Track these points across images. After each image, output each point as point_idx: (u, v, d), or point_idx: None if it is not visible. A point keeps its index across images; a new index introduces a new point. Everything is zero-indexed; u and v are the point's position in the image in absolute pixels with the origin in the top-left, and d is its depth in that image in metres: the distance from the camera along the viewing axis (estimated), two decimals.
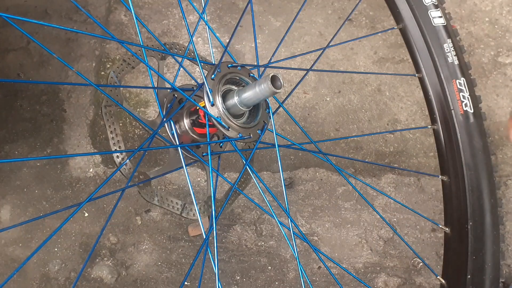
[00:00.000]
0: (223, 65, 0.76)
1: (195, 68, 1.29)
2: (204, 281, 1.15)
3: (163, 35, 1.37)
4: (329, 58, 1.36)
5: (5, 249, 1.17)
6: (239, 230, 1.20)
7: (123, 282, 1.16)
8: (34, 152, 1.26)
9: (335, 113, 1.31)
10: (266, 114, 0.81)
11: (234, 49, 1.36)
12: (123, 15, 1.39)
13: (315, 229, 1.21)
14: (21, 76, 1.32)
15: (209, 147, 0.81)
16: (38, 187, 1.23)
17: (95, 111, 1.29)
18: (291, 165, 1.26)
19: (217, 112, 0.74)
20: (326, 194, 1.24)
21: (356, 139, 1.29)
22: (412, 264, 1.18)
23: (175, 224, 1.21)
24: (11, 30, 1.36)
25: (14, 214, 1.20)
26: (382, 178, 1.25)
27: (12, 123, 1.28)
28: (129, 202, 1.22)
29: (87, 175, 1.24)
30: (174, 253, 1.18)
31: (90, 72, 1.32)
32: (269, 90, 0.70)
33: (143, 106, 1.30)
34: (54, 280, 1.15)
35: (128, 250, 1.18)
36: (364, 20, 1.40)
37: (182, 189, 1.23)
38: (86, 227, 1.20)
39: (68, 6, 1.38)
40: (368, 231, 1.21)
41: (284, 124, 1.30)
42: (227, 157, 1.26)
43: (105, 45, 1.35)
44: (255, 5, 1.41)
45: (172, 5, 1.41)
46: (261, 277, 1.17)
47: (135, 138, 1.28)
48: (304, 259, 1.18)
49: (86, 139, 1.27)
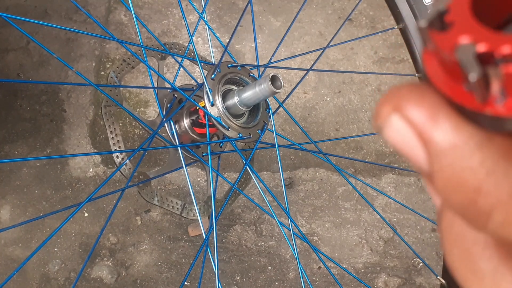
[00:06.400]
0: (223, 65, 0.76)
1: (195, 68, 1.29)
2: (204, 281, 1.15)
3: (163, 35, 1.37)
4: (329, 58, 1.36)
5: (5, 249, 1.17)
6: (239, 230, 1.20)
7: (123, 282, 1.16)
8: (34, 152, 1.26)
9: (335, 113, 1.31)
10: (266, 114, 0.81)
11: (234, 49, 1.36)
12: (123, 15, 1.39)
13: (315, 229, 1.21)
14: (21, 76, 1.32)
15: (209, 147, 0.81)
16: (38, 187, 1.23)
17: (95, 111, 1.29)
18: (291, 165, 1.26)
19: (217, 112, 0.74)
20: (326, 194, 1.23)
21: (356, 139, 1.29)
22: (412, 264, 1.18)
23: (175, 224, 1.21)
24: (11, 30, 1.36)
25: (14, 214, 1.20)
26: (382, 178, 1.25)
27: (12, 123, 1.28)
28: (129, 202, 1.22)
29: (87, 175, 1.24)
30: (174, 253, 1.18)
31: (90, 72, 1.32)
32: (269, 90, 0.70)
33: (143, 106, 1.30)
34: (54, 280, 1.15)
35: (128, 250, 1.18)
36: (364, 20, 1.40)
37: (182, 189, 1.23)
38: (86, 227, 1.20)
39: (68, 6, 1.38)
40: (368, 231, 1.20)
41: (284, 124, 1.30)
42: (227, 157, 1.26)
43: (105, 45, 1.35)
44: (255, 5, 1.41)
45: (172, 5, 1.41)
46: (261, 277, 1.17)
47: (135, 138, 1.28)
48: (304, 259, 1.18)
49: (86, 139, 1.27)
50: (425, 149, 0.15)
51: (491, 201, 0.14)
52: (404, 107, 0.15)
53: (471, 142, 0.14)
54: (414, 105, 0.15)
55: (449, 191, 0.14)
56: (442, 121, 0.14)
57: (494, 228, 0.14)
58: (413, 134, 0.15)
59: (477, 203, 0.14)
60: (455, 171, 0.14)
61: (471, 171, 0.14)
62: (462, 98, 0.14)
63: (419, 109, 0.15)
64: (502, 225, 0.14)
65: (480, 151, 0.14)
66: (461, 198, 0.14)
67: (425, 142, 0.15)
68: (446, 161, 0.14)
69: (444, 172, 0.14)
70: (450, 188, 0.14)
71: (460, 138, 0.14)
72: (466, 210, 0.14)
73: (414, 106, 0.15)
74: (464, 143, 0.14)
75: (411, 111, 0.15)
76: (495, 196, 0.14)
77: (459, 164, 0.14)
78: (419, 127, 0.15)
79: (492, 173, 0.14)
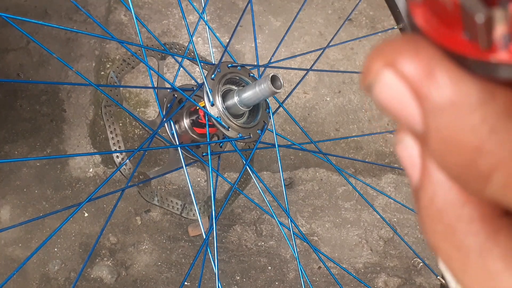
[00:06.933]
0: (223, 65, 0.76)
1: (195, 68, 1.29)
2: (204, 281, 1.15)
3: (163, 35, 1.37)
4: (329, 58, 1.36)
5: (5, 249, 1.17)
6: (239, 230, 1.20)
7: (123, 282, 1.16)
8: (34, 152, 1.26)
9: (335, 113, 1.31)
10: (266, 114, 0.81)
11: (234, 49, 1.36)
12: (123, 15, 1.39)
13: (315, 229, 1.21)
14: (21, 76, 1.32)
15: (209, 147, 0.81)
16: (38, 187, 1.23)
17: (95, 111, 1.29)
18: (291, 165, 1.26)
19: (217, 112, 0.74)
20: (326, 194, 1.24)
21: (356, 139, 1.29)
22: (412, 264, 1.18)
23: (175, 224, 1.21)
24: (11, 30, 1.36)
25: (14, 214, 1.20)
26: (382, 178, 1.25)
27: (12, 123, 1.28)
28: (129, 202, 1.22)
29: (87, 175, 1.24)
30: (174, 253, 1.18)
31: (90, 72, 1.32)
32: (269, 90, 0.70)
33: (143, 106, 1.30)
34: (54, 280, 1.15)
35: (128, 250, 1.18)
36: (364, 20, 1.40)
37: (182, 189, 1.23)
38: (86, 227, 1.20)
39: (68, 6, 1.38)
40: (368, 231, 1.21)
41: (284, 124, 1.30)
42: (227, 157, 1.26)
43: (105, 45, 1.35)
44: (255, 5, 1.41)
45: (172, 5, 1.41)
46: (261, 277, 1.17)
47: (135, 138, 1.28)
48: (304, 259, 1.18)
49: (86, 139, 1.27)
50: (420, 107, 0.14)
51: (493, 161, 0.13)
52: (398, 61, 0.14)
53: (471, 98, 0.13)
54: (408, 59, 0.13)
55: (446, 152, 0.13)
56: (440, 75, 0.13)
57: (493, 191, 0.13)
58: (408, 90, 0.14)
59: (476, 164, 0.13)
60: (453, 130, 0.13)
61: (472, 129, 0.13)
62: (462, 47, 0.13)
63: (414, 63, 0.13)
64: (503, 188, 0.13)
65: (481, 107, 0.13)
66: (459, 159, 0.13)
67: (421, 99, 0.13)
68: (444, 119, 0.13)
69: (441, 132, 0.13)
70: (447, 148, 0.13)
71: (460, 94, 0.13)
72: (463, 173, 0.13)
73: (408, 59, 0.13)
74: (464, 99, 0.13)
75: (406, 65, 0.13)
76: (497, 156, 0.13)
77: (459, 122, 0.13)
78: (415, 82, 0.13)
79: (494, 131, 0.13)
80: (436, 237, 0.15)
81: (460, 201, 0.14)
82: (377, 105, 0.15)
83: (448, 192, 0.14)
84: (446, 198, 0.14)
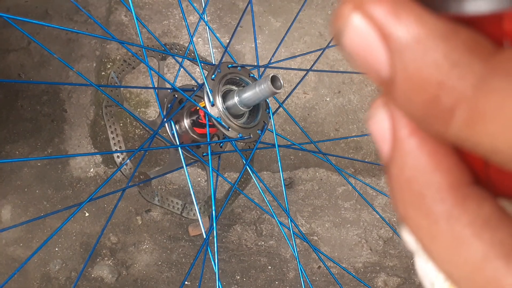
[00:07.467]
0: (223, 66, 0.77)
1: (196, 68, 1.30)
2: (204, 280, 1.15)
3: (164, 36, 1.37)
4: (329, 58, 1.36)
5: (6, 249, 1.17)
6: (239, 230, 1.20)
7: (124, 281, 1.16)
8: (35, 152, 1.26)
9: (335, 113, 1.31)
10: (266, 114, 0.81)
11: (234, 49, 1.36)
12: (124, 16, 1.40)
13: (315, 229, 1.21)
14: (22, 77, 1.32)
15: (209, 147, 0.81)
16: (39, 187, 1.23)
17: (96, 111, 1.30)
18: (291, 165, 1.26)
19: (217, 112, 0.74)
20: (326, 194, 1.24)
21: (356, 139, 1.29)
22: (412, 264, 1.19)
23: (175, 224, 1.21)
24: (12, 31, 1.36)
25: (15, 214, 1.21)
26: (382, 178, 1.26)
27: (13, 123, 1.28)
28: (129, 202, 1.22)
29: (87, 175, 1.24)
30: (175, 252, 1.18)
31: (91, 72, 1.33)
32: (269, 90, 0.70)
33: (144, 106, 1.30)
34: (54, 279, 1.15)
35: (128, 250, 1.18)
36: None
37: (183, 189, 1.24)
38: (86, 227, 1.20)
39: (68, 6, 1.39)
40: (368, 231, 1.21)
41: (284, 124, 1.30)
42: (227, 157, 1.26)
43: (105, 46, 1.36)
44: (255, 5, 1.41)
45: (172, 6, 1.41)
46: (261, 276, 1.17)
47: (135, 138, 1.28)
48: (304, 259, 1.19)
49: (87, 139, 1.27)
50: (386, 49, 0.14)
51: (455, 95, 0.13)
52: (366, 3, 0.14)
53: (435, 34, 0.13)
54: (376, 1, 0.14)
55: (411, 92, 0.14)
56: (405, 14, 0.13)
57: (456, 130, 0.13)
58: (375, 32, 0.14)
59: (440, 100, 0.13)
60: (418, 67, 0.13)
61: (435, 64, 0.13)
62: None
63: (380, 4, 0.14)
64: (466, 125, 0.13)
65: (444, 43, 0.13)
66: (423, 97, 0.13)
67: (387, 39, 0.14)
68: (409, 57, 0.13)
69: (407, 71, 0.13)
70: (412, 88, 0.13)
71: (424, 31, 0.13)
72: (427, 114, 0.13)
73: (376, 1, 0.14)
74: (427, 35, 0.13)
75: (372, 7, 0.14)
76: (459, 90, 0.13)
77: (423, 59, 0.13)
78: (382, 23, 0.14)
79: (456, 65, 0.13)
80: (405, 206, 0.15)
81: (429, 169, 0.14)
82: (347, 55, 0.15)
83: (418, 160, 0.15)
84: (416, 165, 0.15)
